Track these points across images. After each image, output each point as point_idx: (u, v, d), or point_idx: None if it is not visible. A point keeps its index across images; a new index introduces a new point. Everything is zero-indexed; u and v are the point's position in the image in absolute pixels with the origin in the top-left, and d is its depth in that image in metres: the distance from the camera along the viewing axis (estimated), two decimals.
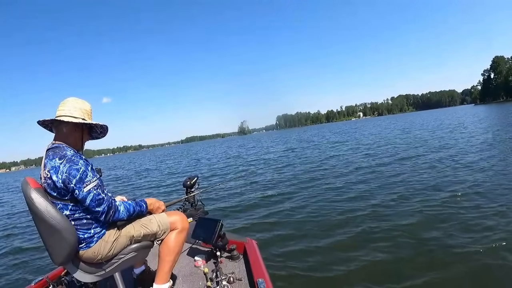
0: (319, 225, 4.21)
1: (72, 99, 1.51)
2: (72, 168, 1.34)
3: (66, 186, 1.34)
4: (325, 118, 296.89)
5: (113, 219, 1.44)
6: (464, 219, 3.71)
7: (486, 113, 32.31)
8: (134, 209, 1.53)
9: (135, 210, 1.53)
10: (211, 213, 2.99)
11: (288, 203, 5.61)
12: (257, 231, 4.30)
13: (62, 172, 1.33)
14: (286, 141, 30.16)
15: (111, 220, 1.45)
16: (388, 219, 4.05)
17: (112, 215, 1.43)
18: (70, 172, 1.33)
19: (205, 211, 2.77)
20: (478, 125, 17.99)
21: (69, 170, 1.33)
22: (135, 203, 1.56)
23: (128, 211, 1.50)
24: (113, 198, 1.46)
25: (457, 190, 4.91)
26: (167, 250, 1.61)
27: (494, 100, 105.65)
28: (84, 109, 1.51)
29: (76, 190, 1.34)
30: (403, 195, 5.09)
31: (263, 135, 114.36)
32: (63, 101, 1.49)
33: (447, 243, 3.18)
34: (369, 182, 6.42)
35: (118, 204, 1.46)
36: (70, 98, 1.51)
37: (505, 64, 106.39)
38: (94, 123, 1.54)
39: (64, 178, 1.33)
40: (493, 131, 13.24)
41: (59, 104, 1.49)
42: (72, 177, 1.33)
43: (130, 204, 1.53)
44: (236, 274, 1.82)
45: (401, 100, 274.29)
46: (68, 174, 1.33)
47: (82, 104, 1.51)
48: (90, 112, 1.55)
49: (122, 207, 1.48)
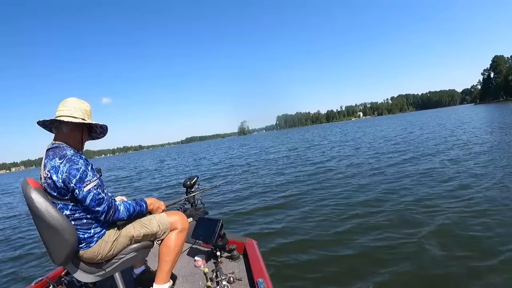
0: (319, 225, 4.20)
1: (72, 99, 1.51)
2: (72, 167, 1.34)
3: (66, 186, 1.35)
4: (325, 118, 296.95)
5: (113, 218, 1.45)
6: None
7: (487, 112, 32.23)
8: (134, 208, 1.53)
9: (135, 210, 1.54)
10: (211, 213, 3.00)
11: (289, 203, 5.61)
12: (257, 231, 4.30)
13: (62, 171, 1.34)
14: (288, 142, 30.09)
15: (111, 220, 1.45)
16: (391, 220, 4.05)
17: (112, 215, 1.43)
18: (70, 171, 1.33)
19: (205, 211, 2.77)
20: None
21: (69, 169, 1.34)
22: (135, 203, 1.57)
23: (128, 210, 1.50)
24: (113, 198, 1.47)
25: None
26: (167, 250, 1.61)
27: (494, 99, 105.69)
28: (84, 109, 1.51)
29: (76, 190, 1.35)
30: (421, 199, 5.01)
31: (263, 135, 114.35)
32: (62, 102, 1.49)
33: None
34: (373, 184, 6.43)
35: (118, 204, 1.47)
36: (70, 98, 1.51)
37: (504, 64, 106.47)
38: (94, 123, 1.55)
39: (64, 178, 1.34)
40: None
41: (59, 104, 1.49)
42: (72, 177, 1.33)
43: (130, 204, 1.53)
44: (236, 274, 1.82)
45: (401, 100, 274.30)
46: (68, 173, 1.33)
47: (82, 104, 1.52)
48: (90, 113, 1.56)
49: (122, 206, 1.48)
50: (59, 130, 1.47)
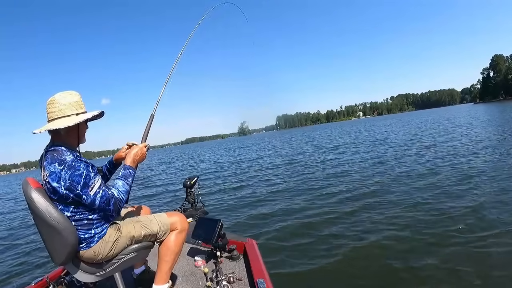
0: (319, 225, 4.21)
1: (58, 96, 1.42)
2: (74, 174, 1.31)
3: (72, 193, 1.33)
4: (325, 118, 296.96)
5: (121, 208, 1.46)
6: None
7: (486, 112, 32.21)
8: (127, 184, 1.50)
9: (128, 184, 1.50)
10: (211, 213, 3.00)
11: (289, 204, 5.61)
12: (257, 231, 4.30)
13: (65, 179, 1.31)
14: (289, 142, 29.92)
15: (121, 209, 1.47)
16: (391, 220, 4.05)
17: (119, 207, 1.44)
18: (74, 179, 1.31)
19: (205, 211, 2.77)
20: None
21: (71, 177, 1.31)
22: (123, 177, 1.51)
23: (126, 192, 1.47)
24: (110, 191, 1.42)
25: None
26: (167, 251, 1.61)
27: (493, 98, 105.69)
28: (73, 101, 1.43)
29: (83, 196, 1.33)
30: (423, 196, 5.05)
31: (264, 135, 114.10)
32: (50, 100, 1.41)
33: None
34: (375, 184, 6.43)
35: (116, 194, 1.43)
36: (55, 95, 1.42)
37: (504, 63, 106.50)
38: (90, 117, 1.49)
39: (68, 185, 1.31)
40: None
41: (47, 103, 1.41)
42: (76, 184, 1.31)
43: (124, 185, 1.48)
44: (236, 274, 1.82)
45: (400, 99, 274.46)
46: (71, 181, 1.31)
47: (70, 97, 1.43)
48: (81, 102, 1.46)
49: (116, 192, 1.43)
50: (56, 132, 1.41)
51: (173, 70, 2.17)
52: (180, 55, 2.26)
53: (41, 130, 1.39)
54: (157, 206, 7.12)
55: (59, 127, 1.36)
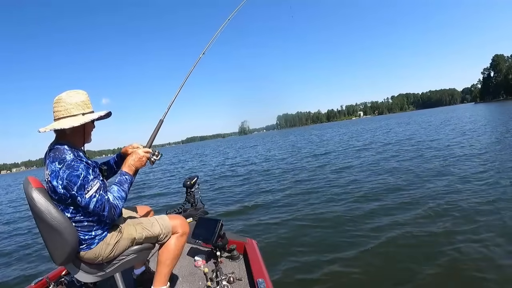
0: (319, 225, 4.21)
1: (65, 95, 1.41)
2: (72, 174, 1.30)
3: (68, 193, 1.32)
4: (326, 117, 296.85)
5: (116, 215, 1.40)
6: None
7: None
8: (122, 191, 1.44)
9: (123, 190, 1.45)
10: (211, 213, 3.00)
11: (289, 204, 5.61)
12: (257, 231, 4.31)
13: (63, 178, 1.30)
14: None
15: (116, 217, 1.40)
16: (393, 221, 4.04)
17: (114, 214, 1.38)
18: (71, 179, 1.30)
19: (205, 211, 2.77)
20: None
21: (69, 176, 1.30)
22: (119, 184, 1.45)
23: (121, 198, 1.42)
24: (107, 197, 1.38)
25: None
26: (167, 254, 1.60)
27: (494, 98, 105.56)
28: (80, 101, 1.41)
29: (78, 197, 1.31)
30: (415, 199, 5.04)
31: (264, 135, 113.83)
32: (56, 99, 1.40)
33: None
34: (376, 184, 6.42)
35: (111, 200, 1.38)
36: (62, 94, 1.41)
37: (504, 63, 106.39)
38: (96, 117, 1.47)
39: (65, 185, 1.31)
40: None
41: (53, 102, 1.40)
42: (73, 184, 1.30)
43: (119, 191, 1.43)
44: (236, 274, 1.82)
45: (401, 99, 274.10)
46: (68, 181, 1.30)
47: (77, 96, 1.42)
48: (88, 101, 1.45)
49: (111, 197, 1.38)
50: (61, 131, 1.40)
51: (190, 72, 2.02)
52: (202, 55, 2.10)
53: (46, 129, 1.38)
54: (157, 206, 7.12)
55: (64, 127, 1.34)
